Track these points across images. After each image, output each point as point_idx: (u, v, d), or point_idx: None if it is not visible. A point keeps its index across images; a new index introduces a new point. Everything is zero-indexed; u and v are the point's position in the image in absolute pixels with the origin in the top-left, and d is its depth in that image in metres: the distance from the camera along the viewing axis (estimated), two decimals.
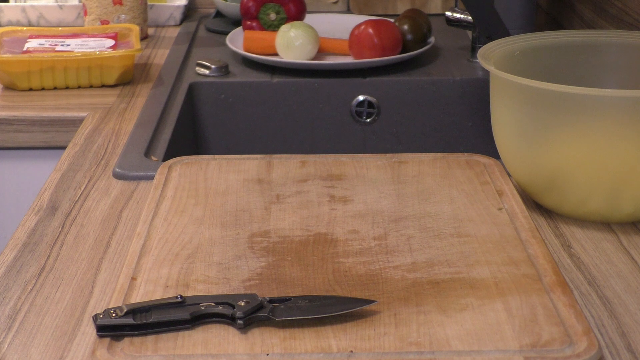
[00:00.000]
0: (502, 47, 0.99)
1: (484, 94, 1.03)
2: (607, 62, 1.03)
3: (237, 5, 1.68)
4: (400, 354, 0.68)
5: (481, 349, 0.69)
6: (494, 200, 0.94)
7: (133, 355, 0.69)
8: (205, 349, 0.69)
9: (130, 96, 1.34)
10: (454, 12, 1.53)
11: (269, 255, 0.83)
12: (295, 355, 0.69)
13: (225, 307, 0.72)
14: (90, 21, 1.60)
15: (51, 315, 0.77)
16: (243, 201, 0.94)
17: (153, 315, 0.71)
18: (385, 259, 0.82)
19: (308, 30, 1.46)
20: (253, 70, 1.48)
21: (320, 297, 0.75)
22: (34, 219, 0.94)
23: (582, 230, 0.91)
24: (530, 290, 0.77)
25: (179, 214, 0.91)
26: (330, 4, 1.86)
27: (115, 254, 0.87)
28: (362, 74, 1.45)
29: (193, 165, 1.03)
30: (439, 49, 1.57)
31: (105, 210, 0.96)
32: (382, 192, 0.96)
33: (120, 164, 1.07)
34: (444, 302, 0.75)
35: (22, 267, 0.84)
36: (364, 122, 1.46)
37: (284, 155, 1.06)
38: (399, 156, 1.05)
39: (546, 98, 0.87)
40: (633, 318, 0.75)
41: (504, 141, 0.95)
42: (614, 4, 1.37)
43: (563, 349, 0.69)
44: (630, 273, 0.83)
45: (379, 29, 1.44)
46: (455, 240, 0.85)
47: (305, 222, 0.90)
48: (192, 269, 0.81)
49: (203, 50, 1.58)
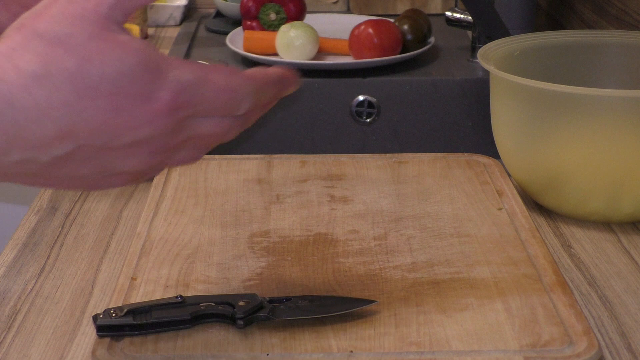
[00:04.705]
0: (502, 47, 0.99)
1: (484, 94, 1.03)
2: (607, 62, 1.03)
3: (237, 5, 1.68)
4: (400, 354, 0.68)
5: (481, 349, 0.69)
6: (494, 200, 0.94)
7: (133, 355, 0.69)
8: (205, 349, 0.69)
9: None
10: (454, 12, 1.53)
11: (269, 255, 0.83)
12: (295, 355, 0.69)
13: (225, 307, 0.72)
14: None
15: (51, 315, 0.77)
16: (243, 201, 0.94)
17: (153, 315, 0.71)
18: (385, 259, 0.82)
19: (308, 30, 1.46)
20: None
21: (320, 297, 0.75)
22: (34, 219, 0.94)
23: (582, 230, 0.91)
24: (530, 290, 0.77)
25: (179, 214, 0.91)
26: (330, 4, 1.86)
27: (115, 254, 0.87)
28: (362, 74, 1.45)
29: (193, 165, 1.03)
30: (439, 49, 1.57)
31: (105, 210, 0.96)
32: (382, 192, 0.96)
33: None
34: (444, 302, 0.75)
35: (22, 267, 0.84)
36: (364, 122, 1.46)
37: (284, 155, 1.06)
38: (399, 156, 1.05)
39: (546, 98, 0.87)
40: (633, 318, 0.75)
41: (504, 141, 0.95)
42: (614, 4, 1.37)
43: (563, 349, 0.69)
44: (630, 273, 0.83)
45: (379, 29, 1.44)
46: (455, 240, 0.85)
47: (305, 222, 0.90)
48: (192, 269, 0.81)
49: (203, 50, 1.58)
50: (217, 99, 0.60)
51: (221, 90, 0.60)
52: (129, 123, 0.57)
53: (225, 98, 0.60)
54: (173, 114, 0.58)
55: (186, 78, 0.58)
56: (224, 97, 0.60)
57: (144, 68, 0.57)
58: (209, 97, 0.60)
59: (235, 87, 0.61)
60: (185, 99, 0.58)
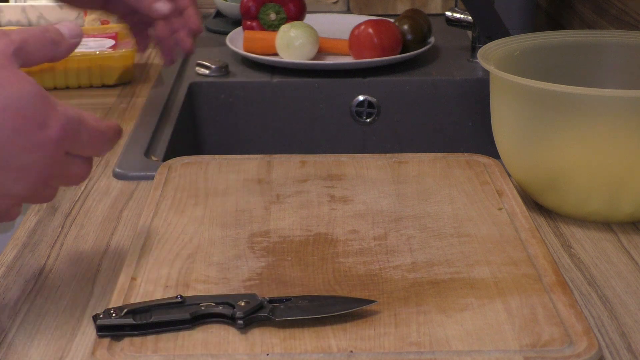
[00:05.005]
0: (502, 47, 0.99)
1: (484, 94, 1.03)
2: (607, 62, 1.03)
3: (237, 5, 1.68)
4: (400, 354, 0.68)
5: (481, 349, 0.69)
6: (494, 200, 0.94)
7: (133, 355, 0.69)
8: (205, 349, 0.69)
9: (130, 96, 1.34)
10: (454, 12, 1.53)
11: (269, 255, 0.83)
12: (295, 355, 0.69)
13: (225, 307, 0.72)
14: (90, 21, 1.60)
15: (51, 315, 0.77)
16: (243, 201, 0.94)
17: (153, 315, 0.71)
18: (385, 259, 0.82)
19: (308, 30, 1.46)
20: (253, 70, 1.48)
21: (320, 297, 0.75)
22: (34, 219, 0.94)
23: (582, 230, 0.91)
24: (530, 290, 0.77)
25: (179, 214, 0.91)
26: (330, 4, 1.86)
27: (115, 254, 0.87)
28: (362, 74, 1.45)
29: (193, 165, 1.03)
30: (439, 49, 1.57)
31: (105, 210, 0.96)
32: (382, 192, 0.96)
33: (120, 164, 1.07)
34: (444, 302, 0.75)
35: (22, 267, 0.84)
36: (364, 122, 1.46)
37: (284, 155, 1.06)
38: (399, 156, 1.05)
39: (546, 98, 0.87)
40: (633, 318, 0.75)
41: (504, 141, 0.95)
42: (614, 4, 1.37)
43: (563, 349, 0.69)
44: (630, 273, 0.83)
45: (379, 29, 1.44)
46: (455, 240, 0.85)
47: (305, 222, 0.90)
48: (192, 269, 0.81)
49: (203, 50, 1.58)
50: (91, 138, 0.72)
51: (94, 131, 0.72)
52: (26, 144, 0.67)
53: (96, 139, 0.72)
54: (61, 143, 0.69)
55: (70, 114, 0.70)
56: (95, 138, 0.72)
57: (41, 97, 0.68)
58: (85, 136, 0.71)
59: (103, 131, 0.73)
60: (70, 132, 0.69)
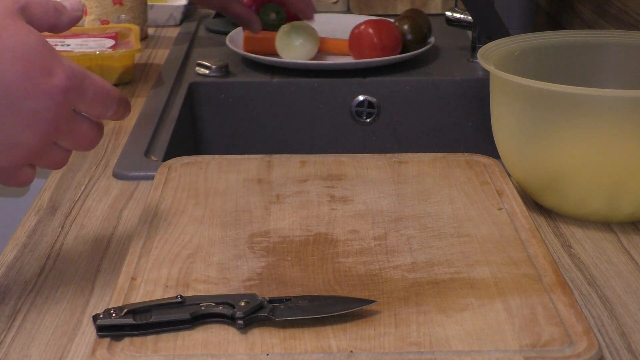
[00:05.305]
0: (502, 47, 0.99)
1: (484, 94, 1.03)
2: (607, 62, 1.03)
3: None
4: (400, 354, 0.68)
5: (481, 349, 0.69)
6: (494, 200, 0.94)
7: (133, 355, 0.69)
8: (205, 349, 0.69)
9: (130, 96, 1.34)
10: (454, 12, 1.53)
11: (269, 255, 0.83)
12: (295, 355, 0.69)
13: (225, 307, 0.72)
14: (90, 21, 1.60)
15: (51, 315, 0.77)
16: (243, 201, 0.94)
17: (153, 315, 0.71)
18: (385, 259, 0.82)
19: (308, 30, 1.46)
20: (253, 70, 1.48)
21: (320, 297, 0.75)
22: (34, 219, 0.94)
23: (582, 230, 0.91)
24: (530, 290, 0.77)
25: (179, 214, 0.91)
26: (330, 4, 1.86)
27: (115, 254, 0.87)
28: (362, 74, 1.45)
29: (193, 165, 1.03)
30: (439, 49, 1.57)
31: (105, 210, 0.96)
32: (382, 192, 0.96)
33: (120, 164, 1.07)
34: (444, 302, 0.75)
35: (22, 267, 0.84)
36: (364, 122, 1.46)
37: (284, 155, 1.06)
38: (399, 156, 1.05)
39: (546, 98, 0.87)
40: (633, 318, 0.75)
41: (504, 141, 0.95)
42: (614, 4, 1.37)
43: (563, 349, 0.69)
44: (630, 273, 0.83)
45: (379, 29, 1.44)
46: (455, 240, 0.85)
47: (305, 222, 0.90)
48: (192, 269, 0.81)
49: (203, 50, 1.58)
50: (96, 95, 0.73)
51: (99, 88, 0.73)
52: (33, 89, 0.69)
53: (102, 96, 0.74)
54: (67, 93, 0.71)
55: (75, 67, 0.72)
56: (101, 96, 0.74)
57: (47, 47, 0.71)
58: (91, 92, 0.73)
59: (109, 90, 0.74)
60: (75, 83, 0.71)
